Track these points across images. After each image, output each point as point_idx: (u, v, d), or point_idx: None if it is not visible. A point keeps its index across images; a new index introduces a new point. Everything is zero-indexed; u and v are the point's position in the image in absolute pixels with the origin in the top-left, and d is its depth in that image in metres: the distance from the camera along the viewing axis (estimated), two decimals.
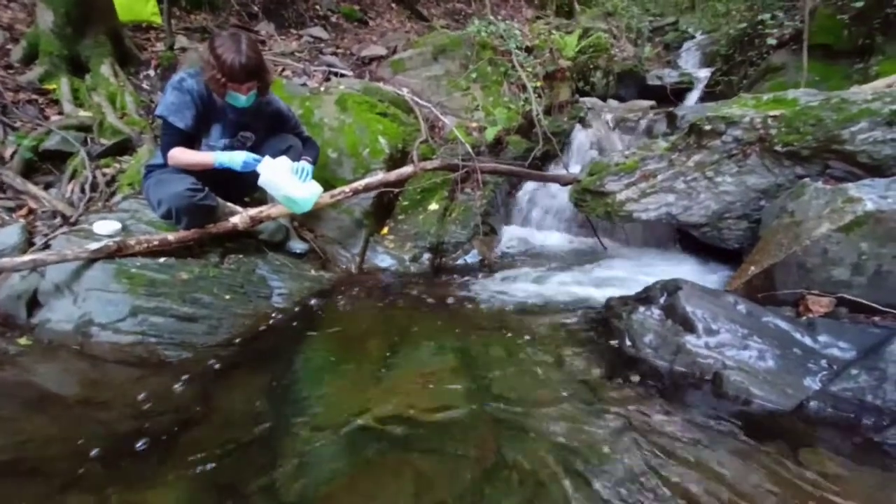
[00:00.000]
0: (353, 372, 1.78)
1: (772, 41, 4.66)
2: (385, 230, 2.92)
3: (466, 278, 2.69)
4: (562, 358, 1.85)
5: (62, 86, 2.87)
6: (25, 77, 2.89)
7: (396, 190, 2.94)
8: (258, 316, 2.06)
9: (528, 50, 4.26)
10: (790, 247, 1.79)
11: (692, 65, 7.26)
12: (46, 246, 1.97)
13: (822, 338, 1.63)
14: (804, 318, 1.74)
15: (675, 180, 2.32)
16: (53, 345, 1.75)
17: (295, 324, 2.09)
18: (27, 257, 1.79)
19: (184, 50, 3.50)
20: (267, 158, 2.02)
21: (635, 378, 1.68)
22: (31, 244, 2.03)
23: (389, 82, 3.82)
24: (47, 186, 2.41)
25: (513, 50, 3.94)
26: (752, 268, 1.88)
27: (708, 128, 2.23)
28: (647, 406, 1.55)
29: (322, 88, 3.36)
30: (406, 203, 3.03)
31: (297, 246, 2.46)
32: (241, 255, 2.22)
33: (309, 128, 2.79)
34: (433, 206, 3.01)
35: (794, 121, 2.06)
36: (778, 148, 2.10)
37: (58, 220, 2.21)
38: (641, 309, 1.84)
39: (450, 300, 2.39)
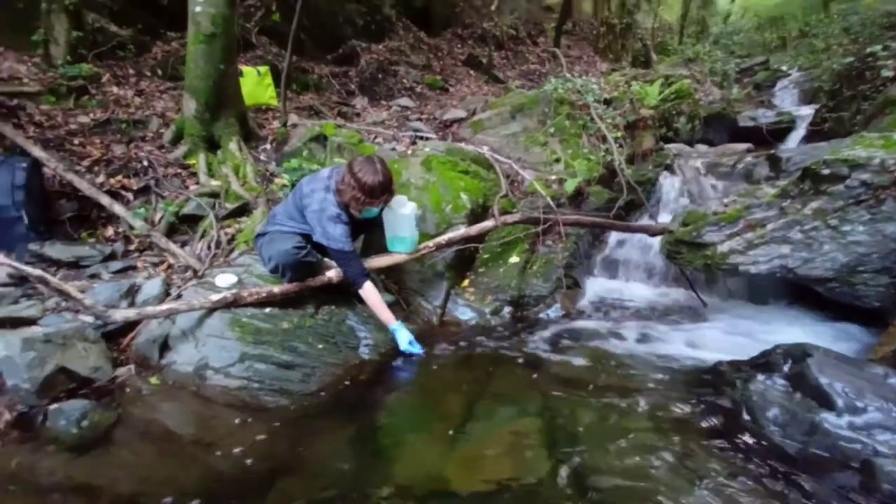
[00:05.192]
0: (434, 430, 1.76)
1: (888, 73, 4.19)
2: (466, 282, 2.95)
3: (549, 333, 2.59)
4: (663, 428, 1.66)
5: (200, 161, 3.45)
6: (173, 155, 3.51)
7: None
8: (347, 366, 2.16)
9: (607, 102, 4.27)
10: None
11: (790, 103, 6.72)
12: (179, 296, 2.28)
13: None
14: None
15: (790, 230, 2.08)
16: (176, 385, 1.97)
17: (379, 375, 2.15)
18: (165, 306, 2.08)
19: (294, 126, 4.05)
20: (402, 197, 2.37)
21: (758, 460, 1.44)
22: (168, 294, 2.37)
23: (470, 142, 4.03)
24: (183, 244, 2.84)
25: (591, 103, 3.98)
26: None
27: (826, 172, 2.01)
28: (776, 497, 1.31)
29: (409, 152, 3.64)
30: (487, 256, 3.06)
31: (384, 297, 2.57)
32: (333, 307, 2.37)
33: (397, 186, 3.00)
34: (514, 259, 3.01)
35: None
36: None
37: (189, 274, 2.57)
38: (760, 377, 1.61)
39: (531, 356, 2.30)
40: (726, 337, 2.38)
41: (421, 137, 4.14)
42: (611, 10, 9.85)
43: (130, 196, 3.08)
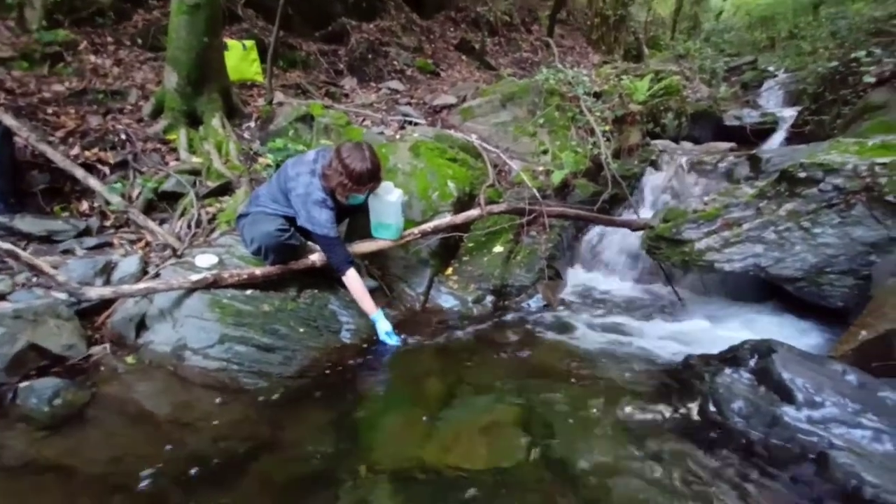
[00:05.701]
0: (412, 415, 1.78)
1: (869, 79, 4.30)
2: (450, 270, 2.97)
3: (529, 323, 2.63)
4: (634, 418, 1.72)
5: (181, 136, 3.34)
6: (153, 129, 3.40)
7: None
8: (328, 350, 2.16)
9: (597, 95, 4.28)
10: None
11: (774, 104, 6.84)
12: (157, 275, 2.24)
13: None
14: None
15: (764, 230, 2.15)
16: (153, 365, 1.94)
17: (360, 359, 2.16)
18: (142, 285, 2.04)
19: (280, 104, 3.95)
20: (388, 184, 2.37)
21: (721, 449, 1.51)
22: (146, 273, 2.32)
23: (459, 129, 4.00)
24: (162, 222, 2.78)
25: (581, 95, 3.98)
26: (864, 332, 1.66)
27: (802, 175, 2.07)
28: (738, 484, 1.38)
29: (398, 136, 3.60)
30: (471, 244, 3.07)
31: (367, 283, 2.57)
32: (315, 290, 2.36)
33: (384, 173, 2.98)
34: (498, 249, 3.03)
35: None
36: (890, 198, 1.88)
37: (167, 252, 2.51)
38: (728, 371, 1.68)
39: (511, 345, 2.34)
40: (699, 331, 2.46)
41: (410, 122, 4.09)
42: (605, 1, 9.80)
43: (107, 170, 2.98)
